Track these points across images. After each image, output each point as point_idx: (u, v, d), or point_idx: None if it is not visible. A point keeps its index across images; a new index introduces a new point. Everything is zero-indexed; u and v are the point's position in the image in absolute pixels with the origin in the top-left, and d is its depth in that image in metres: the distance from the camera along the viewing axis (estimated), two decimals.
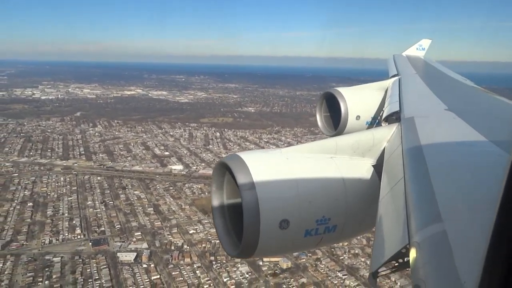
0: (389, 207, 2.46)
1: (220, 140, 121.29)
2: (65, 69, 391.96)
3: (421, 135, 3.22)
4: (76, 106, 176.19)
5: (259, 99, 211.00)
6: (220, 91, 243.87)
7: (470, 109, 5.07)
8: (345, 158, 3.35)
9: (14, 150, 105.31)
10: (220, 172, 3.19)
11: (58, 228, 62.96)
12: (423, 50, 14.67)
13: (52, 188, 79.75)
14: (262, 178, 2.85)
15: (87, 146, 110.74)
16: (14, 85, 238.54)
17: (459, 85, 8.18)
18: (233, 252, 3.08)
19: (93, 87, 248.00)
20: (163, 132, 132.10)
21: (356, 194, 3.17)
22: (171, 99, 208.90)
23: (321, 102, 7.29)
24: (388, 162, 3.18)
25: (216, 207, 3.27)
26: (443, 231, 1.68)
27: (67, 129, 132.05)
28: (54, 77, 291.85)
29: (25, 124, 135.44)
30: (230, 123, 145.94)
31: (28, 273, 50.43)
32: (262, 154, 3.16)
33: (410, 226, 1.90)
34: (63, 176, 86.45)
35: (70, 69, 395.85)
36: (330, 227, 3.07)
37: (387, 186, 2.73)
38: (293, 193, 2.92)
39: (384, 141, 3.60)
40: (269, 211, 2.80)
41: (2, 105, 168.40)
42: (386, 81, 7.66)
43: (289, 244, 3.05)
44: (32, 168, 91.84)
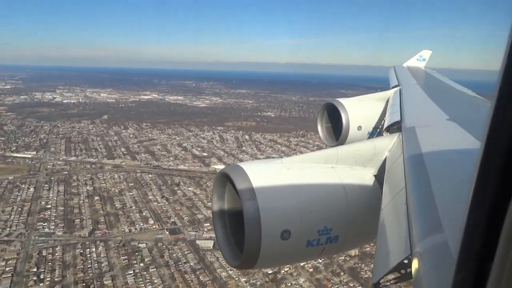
0: (390, 217, 2.46)
1: (251, 142, 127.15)
2: (73, 74, 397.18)
3: (422, 144, 3.23)
4: (100, 110, 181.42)
5: (275, 104, 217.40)
6: (234, 96, 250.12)
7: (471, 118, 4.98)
8: (346, 168, 3.35)
9: (60, 150, 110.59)
10: (221, 182, 3.19)
11: (132, 219, 68.41)
12: (423, 61, 14.73)
13: (110, 184, 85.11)
14: (263, 188, 2.85)
15: (127, 147, 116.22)
16: (32, 89, 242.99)
17: (460, 95, 8.12)
18: (234, 263, 3.05)
19: (109, 91, 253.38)
20: (194, 134, 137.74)
21: (357, 204, 3.16)
22: (189, 103, 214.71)
23: (322, 113, 7.32)
24: (390, 171, 3.17)
25: (217, 217, 3.26)
26: (444, 241, 1.65)
27: (101, 131, 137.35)
28: (67, 82, 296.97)
29: (59, 126, 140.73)
30: (255, 127, 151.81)
31: (121, 257, 55.87)
32: (263, 165, 3.17)
33: (412, 236, 1.88)
34: (116, 174, 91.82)
35: (78, 74, 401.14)
36: (332, 237, 3.05)
37: (389, 195, 2.72)
38: (294, 203, 2.91)
39: (385, 150, 3.60)
40: (271, 222, 2.79)
41: (29, 108, 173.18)
42: (387, 91, 7.76)
43: (290, 254, 3.04)
44: (84, 166, 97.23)
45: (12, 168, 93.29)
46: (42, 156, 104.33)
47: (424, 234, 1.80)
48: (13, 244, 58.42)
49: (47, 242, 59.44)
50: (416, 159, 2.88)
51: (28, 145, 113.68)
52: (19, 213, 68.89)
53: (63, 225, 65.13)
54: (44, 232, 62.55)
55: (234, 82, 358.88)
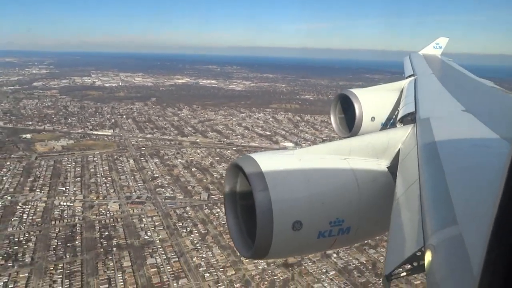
0: (403, 209, 2.44)
1: (305, 123, 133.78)
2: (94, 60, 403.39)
3: (437, 136, 3.19)
4: (144, 93, 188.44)
5: (308, 88, 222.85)
6: (264, 80, 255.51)
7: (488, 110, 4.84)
8: (359, 160, 3.32)
9: (133, 128, 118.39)
10: (233, 172, 3.20)
11: None
12: (440, 48, 14.34)
13: (198, 158, 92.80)
14: (275, 179, 2.85)
15: (192, 126, 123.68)
16: (66, 74, 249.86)
17: (477, 85, 7.91)
18: (246, 253, 3.07)
19: (141, 75, 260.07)
20: (246, 115, 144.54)
21: (370, 196, 3.14)
22: (225, 87, 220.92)
23: (335, 104, 7.28)
24: (403, 163, 3.14)
25: (229, 208, 3.28)
26: (459, 234, 1.64)
27: (158, 111, 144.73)
28: (97, 67, 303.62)
29: (117, 107, 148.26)
30: (300, 109, 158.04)
31: None
32: (275, 155, 3.18)
33: (425, 229, 1.87)
34: (198, 149, 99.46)
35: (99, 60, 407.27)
36: (343, 229, 3.04)
37: (402, 188, 2.71)
38: (306, 194, 2.90)
39: (399, 142, 3.54)
40: (282, 213, 2.79)
41: (78, 92, 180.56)
42: (402, 81, 7.66)
43: (302, 245, 3.04)
44: (164, 143, 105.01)
45: (102, 144, 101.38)
46: (120, 133, 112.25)
47: (438, 227, 1.79)
48: (147, 205, 66.64)
49: (176, 204, 67.57)
50: (431, 151, 2.85)
51: (101, 124, 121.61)
52: (135, 180, 77.08)
53: (179, 191, 73.12)
54: (166, 195, 70.63)
55: (257, 67, 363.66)
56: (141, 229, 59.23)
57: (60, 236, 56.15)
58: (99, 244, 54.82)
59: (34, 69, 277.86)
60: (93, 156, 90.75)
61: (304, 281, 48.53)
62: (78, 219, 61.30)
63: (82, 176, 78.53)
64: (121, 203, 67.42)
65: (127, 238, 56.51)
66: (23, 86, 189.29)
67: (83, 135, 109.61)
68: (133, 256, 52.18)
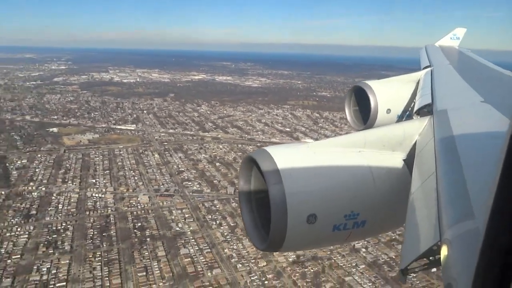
0: (420, 202, 2.41)
1: (324, 119, 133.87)
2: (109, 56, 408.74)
3: (455, 128, 3.11)
4: (162, 89, 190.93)
5: (324, 85, 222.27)
6: (279, 77, 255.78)
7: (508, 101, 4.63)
8: (374, 152, 3.28)
9: (155, 123, 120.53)
10: (247, 166, 3.18)
11: None
12: (457, 40, 13.78)
13: (221, 153, 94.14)
14: (289, 172, 2.83)
15: (212, 122, 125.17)
16: (85, 69, 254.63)
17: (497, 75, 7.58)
18: (260, 246, 3.05)
19: (158, 72, 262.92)
20: (265, 112, 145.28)
21: (385, 189, 3.09)
22: (241, 83, 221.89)
23: (350, 96, 7.10)
24: (420, 156, 3.08)
25: (244, 201, 3.26)
26: (475, 228, 1.59)
27: (178, 107, 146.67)
28: (114, 63, 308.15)
29: (137, 103, 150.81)
30: (318, 106, 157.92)
31: None
32: (289, 149, 3.14)
33: (442, 223, 1.84)
34: (220, 145, 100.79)
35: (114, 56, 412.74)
36: (359, 222, 3.02)
37: (418, 181, 2.66)
38: (320, 187, 2.88)
39: (415, 134, 3.48)
40: (297, 206, 2.77)
41: (97, 87, 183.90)
42: (418, 72, 7.46)
43: (317, 238, 3.02)
44: (186, 138, 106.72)
45: (126, 138, 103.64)
46: (142, 128, 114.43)
47: (455, 221, 1.76)
48: (175, 198, 68.27)
49: (203, 197, 69.04)
50: (448, 143, 2.80)
51: (123, 119, 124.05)
52: (161, 174, 78.87)
53: (205, 184, 74.55)
54: (194, 189, 72.15)
55: (271, 63, 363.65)
56: (172, 221, 60.85)
57: (95, 226, 58.16)
58: (133, 234, 56.60)
59: (53, 65, 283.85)
60: (119, 150, 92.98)
61: (334, 274, 49.35)
62: (111, 210, 63.30)
63: (111, 169, 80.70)
64: (150, 195, 69.21)
65: (159, 229, 58.15)
66: (45, 81, 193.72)
67: (107, 129, 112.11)
68: (167, 246, 53.77)
